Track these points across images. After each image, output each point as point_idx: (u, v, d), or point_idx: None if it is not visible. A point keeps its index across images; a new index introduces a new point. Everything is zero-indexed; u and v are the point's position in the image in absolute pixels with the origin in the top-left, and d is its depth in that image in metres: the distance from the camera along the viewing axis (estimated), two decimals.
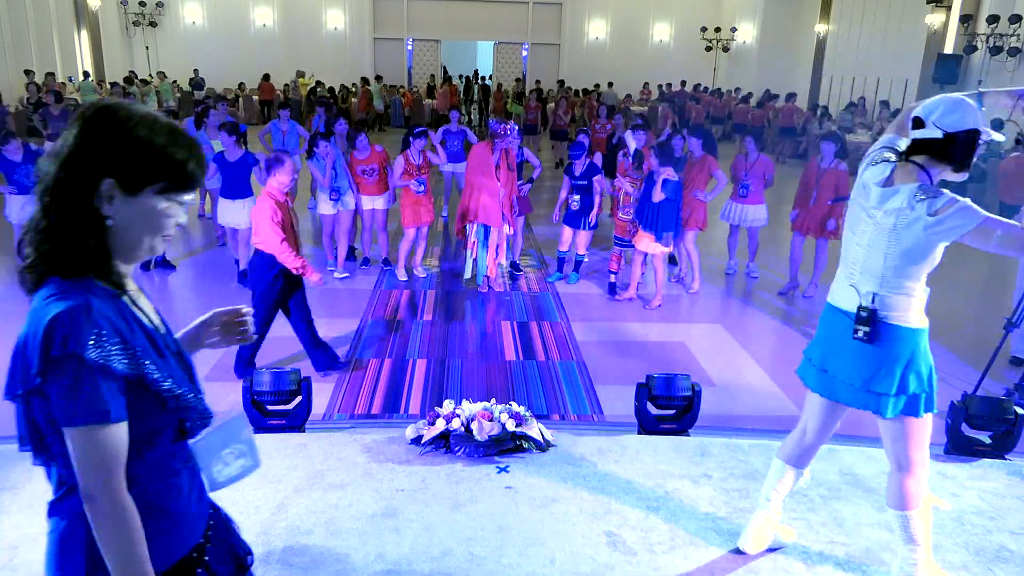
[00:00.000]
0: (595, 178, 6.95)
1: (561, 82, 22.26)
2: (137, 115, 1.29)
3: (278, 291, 4.88)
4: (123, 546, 1.23)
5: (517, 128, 6.93)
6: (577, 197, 6.99)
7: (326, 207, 7.33)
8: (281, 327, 6.25)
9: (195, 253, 8.41)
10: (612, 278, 7.23)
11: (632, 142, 7.23)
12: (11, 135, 6.96)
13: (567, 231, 7.19)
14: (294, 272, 4.82)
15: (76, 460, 1.22)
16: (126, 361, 1.23)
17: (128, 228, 1.29)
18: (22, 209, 6.92)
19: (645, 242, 6.69)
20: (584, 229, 7.10)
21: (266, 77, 20.96)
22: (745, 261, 7.84)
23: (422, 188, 7.02)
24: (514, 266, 7.53)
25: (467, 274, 7.14)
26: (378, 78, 21.84)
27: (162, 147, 1.29)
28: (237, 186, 6.99)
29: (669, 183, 6.47)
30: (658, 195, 6.29)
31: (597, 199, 7.00)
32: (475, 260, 7.00)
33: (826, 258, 7.02)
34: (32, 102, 13.75)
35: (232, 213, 7.02)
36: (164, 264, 7.49)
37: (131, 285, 1.38)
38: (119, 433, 1.23)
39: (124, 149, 1.26)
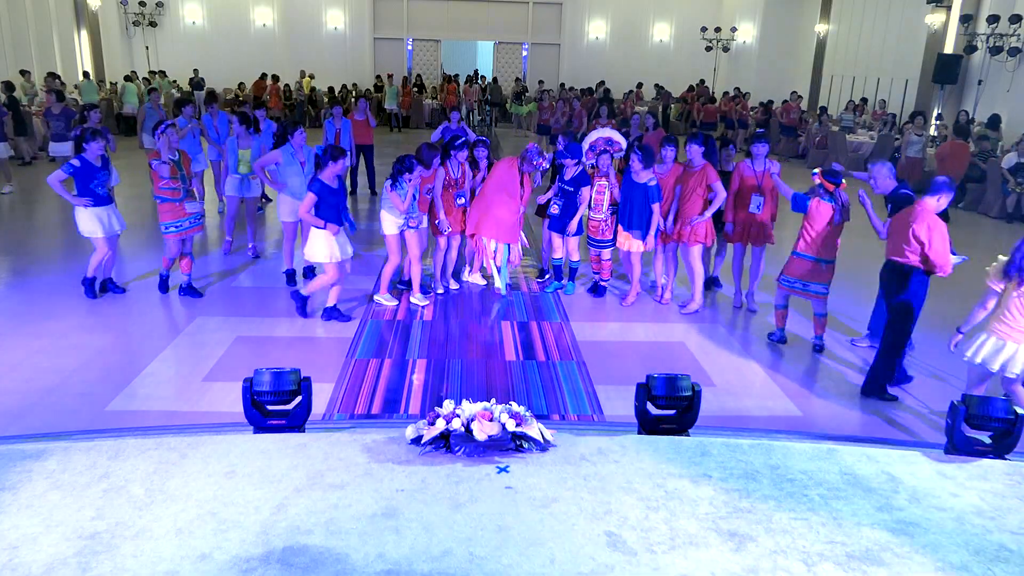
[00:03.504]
0: (583, 188, 6.75)
1: (540, 82, 22.38)
2: None
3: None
4: None
5: (550, 161, 6.89)
6: (561, 202, 6.86)
7: (231, 188, 7.57)
8: (276, 328, 6.25)
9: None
10: (596, 278, 7.28)
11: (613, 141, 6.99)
12: (97, 133, 6.15)
13: (556, 238, 7.05)
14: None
15: None
16: None
17: None
18: (103, 223, 6.27)
19: (626, 241, 6.71)
20: (570, 235, 6.93)
21: (263, 76, 21.06)
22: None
23: (463, 202, 6.87)
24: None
25: (498, 283, 6.98)
26: (390, 77, 21.74)
27: None
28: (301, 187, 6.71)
29: (649, 188, 6.46)
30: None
31: (581, 208, 6.81)
32: (499, 269, 6.90)
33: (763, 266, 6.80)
34: (4, 103, 13.21)
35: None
36: (191, 291, 6.74)
37: None
38: None
39: None
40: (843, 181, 5.65)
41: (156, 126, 6.53)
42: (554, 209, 6.91)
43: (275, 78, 21.20)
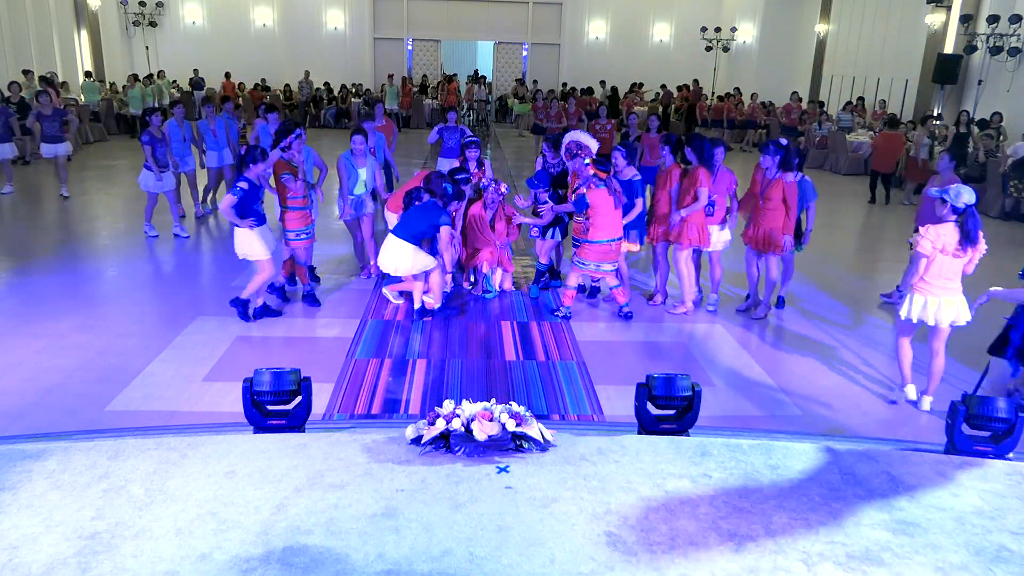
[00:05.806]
0: (542, 207, 6.90)
1: (533, 82, 22.40)
2: None
3: None
4: None
5: (508, 187, 7.01)
6: (534, 228, 7.11)
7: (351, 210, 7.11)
8: (276, 328, 6.25)
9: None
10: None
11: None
12: (265, 153, 5.94)
13: (538, 243, 7.26)
14: None
15: None
16: None
17: None
18: (269, 243, 6.04)
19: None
20: (543, 239, 7.09)
21: (227, 75, 21.08)
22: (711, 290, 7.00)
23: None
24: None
25: (479, 289, 7.14)
26: (390, 77, 21.70)
27: None
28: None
29: (634, 183, 6.48)
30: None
31: (548, 217, 6.97)
32: (486, 279, 7.13)
33: (779, 273, 6.54)
34: (15, 102, 13.24)
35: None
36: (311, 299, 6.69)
37: None
38: None
39: None
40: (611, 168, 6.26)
41: (279, 138, 6.28)
42: (534, 232, 7.13)
43: (227, 75, 21.25)
